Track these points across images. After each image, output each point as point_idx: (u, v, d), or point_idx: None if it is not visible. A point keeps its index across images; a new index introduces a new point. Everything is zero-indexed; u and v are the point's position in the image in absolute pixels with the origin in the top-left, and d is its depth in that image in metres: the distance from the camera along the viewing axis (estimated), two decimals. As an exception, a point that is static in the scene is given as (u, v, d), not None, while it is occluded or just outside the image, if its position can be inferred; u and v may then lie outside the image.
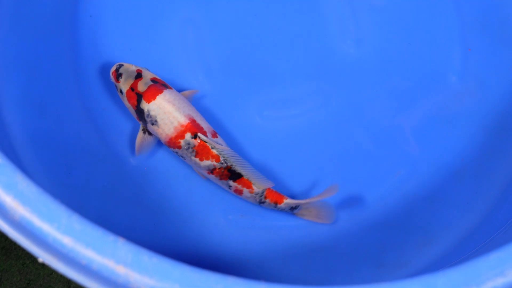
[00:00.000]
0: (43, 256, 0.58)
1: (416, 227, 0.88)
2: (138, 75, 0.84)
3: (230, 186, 0.83)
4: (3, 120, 0.87)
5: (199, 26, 0.93)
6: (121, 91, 0.85)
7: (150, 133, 0.85)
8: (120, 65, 0.85)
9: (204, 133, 0.82)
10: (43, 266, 0.88)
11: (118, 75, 0.85)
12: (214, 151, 0.81)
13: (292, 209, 0.84)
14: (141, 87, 0.83)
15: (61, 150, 0.87)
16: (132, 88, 0.84)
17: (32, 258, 0.88)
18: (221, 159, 0.82)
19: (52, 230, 0.58)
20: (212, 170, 0.82)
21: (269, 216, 0.87)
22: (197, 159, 0.82)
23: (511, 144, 0.91)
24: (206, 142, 0.81)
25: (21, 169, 0.82)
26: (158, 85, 0.84)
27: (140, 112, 0.83)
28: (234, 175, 0.82)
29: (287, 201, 0.83)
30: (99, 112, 0.89)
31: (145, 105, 0.83)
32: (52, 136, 0.88)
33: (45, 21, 0.91)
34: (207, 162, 0.82)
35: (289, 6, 0.94)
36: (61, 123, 0.88)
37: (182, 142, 0.82)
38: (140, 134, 0.85)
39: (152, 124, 0.83)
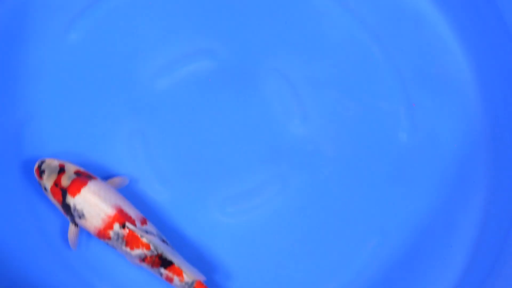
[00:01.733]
0: None
1: (398, 293, 0.88)
2: (61, 170, 0.84)
3: (161, 274, 0.83)
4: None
5: (146, 135, 0.92)
6: (45, 188, 0.84)
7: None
8: (42, 162, 0.86)
9: (133, 222, 0.83)
10: None
11: (41, 172, 0.85)
12: (144, 240, 0.81)
13: None
14: (65, 181, 0.83)
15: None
16: (56, 184, 0.84)
17: None
18: (151, 247, 0.82)
19: None
20: (143, 259, 0.83)
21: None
22: (128, 249, 0.82)
23: (473, 194, 0.91)
24: (134, 231, 0.81)
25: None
26: (82, 178, 0.84)
27: (66, 207, 0.83)
28: (165, 263, 0.82)
29: None
30: (68, 248, 0.88)
31: (70, 200, 0.83)
32: (20, 282, 0.86)
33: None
34: (138, 251, 0.82)
35: (232, 98, 0.94)
36: (27, 267, 0.88)
37: (111, 233, 0.82)
38: (71, 228, 0.85)
39: (80, 218, 0.83)
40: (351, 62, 0.95)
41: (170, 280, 0.83)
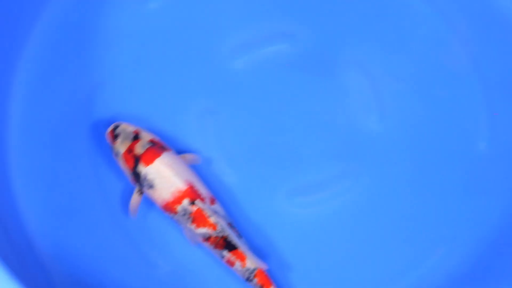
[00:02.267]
0: None
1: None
2: (136, 137, 0.82)
3: (223, 256, 0.81)
4: (27, 235, 0.84)
5: (218, 115, 0.90)
6: (117, 153, 0.82)
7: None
8: (117, 125, 0.83)
9: (202, 200, 0.81)
10: None
11: (114, 136, 0.83)
12: (211, 220, 0.79)
13: None
14: (139, 149, 0.81)
15: (90, 260, 0.85)
16: (129, 150, 0.81)
17: None
18: (218, 227, 0.79)
19: None
20: (207, 238, 0.81)
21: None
22: (193, 226, 0.80)
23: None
24: (203, 210, 0.79)
25: (51, 283, 0.82)
26: (157, 148, 0.82)
27: (136, 175, 0.81)
28: (230, 246, 0.80)
29: None
30: (126, 218, 0.86)
31: (142, 168, 0.81)
32: (79, 247, 0.85)
33: (59, 125, 0.88)
34: (203, 230, 0.80)
35: (308, 86, 0.91)
36: (87, 232, 0.85)
37: (178, 207, 0.80)
38: (136, 197, 0.83)
39: (149, 188, 0.81)
40: (435, 63, 0.93)
41: (231, 263, 0.81)
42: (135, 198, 0.83)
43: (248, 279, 0.81)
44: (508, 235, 0.87)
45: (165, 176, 0.80)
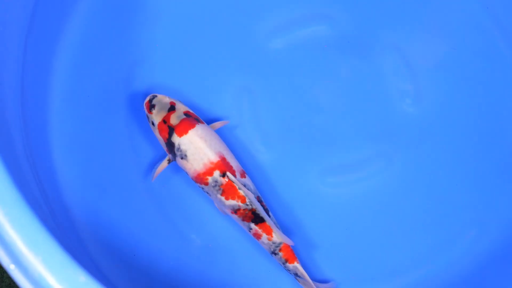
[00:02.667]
0: None
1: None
2: (171, 108, 0.84)
3: (250, 229, 0.83)
4: (65, 204, 0.86)
5: (254, 93, 0.91)
6: (153, 123, 0.84)
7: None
8: (154, 96, 0.85)
9: (233, 172, 0.82)
10: None
11: (151, 106, 0.84)
12: (241, 192, 0.81)
13: (297, 275, 0.83)
14: (174, 120, 0.83)
15: (124, 231, 0.86)
16: (165, 121, 0.83)
17: None
18: (246, 200, 0.81)
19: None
20: (236, 210, 0.82)
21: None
22: (223, 198, 0.82)
23: None
24: (233, 182, 0.81)
25: (84, 251, 0.84)
26: (191, 119, 0.83)
27: (170, 145, 0.83)
28: (257, 219, 0.82)
29: (297, 265, 0.82)
30: (161, 190, 0.88)
31: (176, 139, 0.82)
32: (114, 217, 0.87)
33: (98, 99, 0.90)
34: (232, 202, 0.82)
35: (345, 68, 0.92)
36: (122, 203, 0.87)
37: (209, 179, 0.82)
38: (164, 164, 0.85)
39: (182, 158, 0.83)
40: (473, 49, 0.93)
41: (258, 236, 0.83)
42: (163, 164, 0.85)
43: (274, 253, 0.83)
44: (540, 222, 0.88)
45: (198, 148, 0.82)
